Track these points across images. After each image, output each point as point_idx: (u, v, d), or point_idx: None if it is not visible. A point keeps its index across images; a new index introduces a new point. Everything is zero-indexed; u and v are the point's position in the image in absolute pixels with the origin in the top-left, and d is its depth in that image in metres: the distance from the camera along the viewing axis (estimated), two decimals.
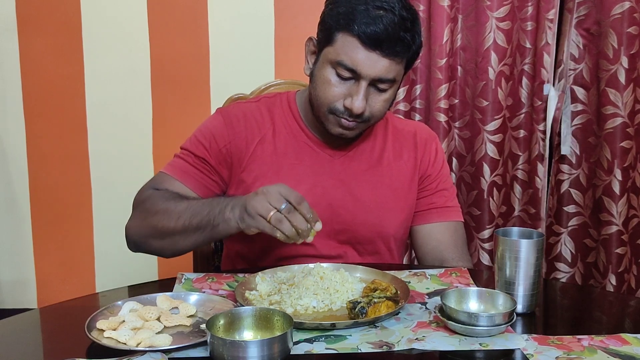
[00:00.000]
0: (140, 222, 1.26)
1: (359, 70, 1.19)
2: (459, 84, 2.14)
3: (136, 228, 1.27)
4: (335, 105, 1.24)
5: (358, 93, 1.21)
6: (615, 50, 2.01)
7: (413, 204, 1.40)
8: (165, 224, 1.20)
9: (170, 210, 1.20)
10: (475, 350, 0.92)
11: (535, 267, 1.04)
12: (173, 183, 1.31)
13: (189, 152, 1.34)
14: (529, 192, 2.14)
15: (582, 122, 2.13)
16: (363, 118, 1.24)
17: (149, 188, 1.31)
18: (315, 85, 1.26)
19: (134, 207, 1.30)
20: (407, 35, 1.19)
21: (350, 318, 0.99)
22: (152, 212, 1.23)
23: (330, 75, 1.23)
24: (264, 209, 1.08)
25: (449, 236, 1.39)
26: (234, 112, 1.37)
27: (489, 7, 2.05)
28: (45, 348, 1.00)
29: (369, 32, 1.17)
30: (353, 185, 1.34)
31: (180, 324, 0.98)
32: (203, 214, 1.16)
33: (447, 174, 1.45)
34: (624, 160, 2.05)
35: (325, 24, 1.24)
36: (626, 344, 0.92)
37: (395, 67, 1.21)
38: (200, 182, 1.32)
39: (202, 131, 1.36)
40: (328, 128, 1.28)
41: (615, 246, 2.08)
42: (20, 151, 2.35)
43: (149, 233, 1.24)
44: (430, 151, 1.42)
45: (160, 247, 1.25)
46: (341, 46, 1.20)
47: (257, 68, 2.26)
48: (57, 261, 2.41)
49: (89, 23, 2.27)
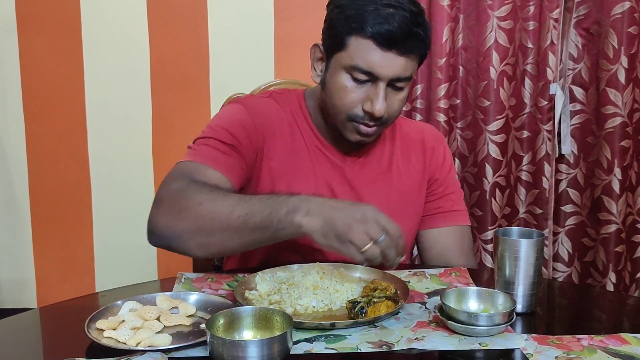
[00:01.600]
0: (175, 215, 1.11)
1: (376, 72, 1.17)
2: (460, 83, 2.14)
3: (170, 222, 1.11)
4: (354, 111, 1.20)
5: (378, 95, 1.18)
6: (616, 50, 2.01)
7: (421, 209, 1.39)
8: (216, 215, 1.07)
9: (218, 202, 1.09)
10: (474, 350, 0.92)
11: (535, 266, 1.04)
12: (205, 170, 1.19)
13: (214, 140, 1.23)
14: (534, 192, 2.13)
15: (581, 121, 2.13)
16: (382, 120, 1.22)
17: (178, 178, 1.17)
18: (330, 93, 1.22)
19: (161, 198, 1.15)
20: (420, 29, 1.17)
21: (350, 318, 0.99)
22: (194, 201, 1.10)
23: (346, 81, 1.19)
24: (360, 240, 0.99)
25: (455, 241, 1.38)
26: (256, 104, 1.31)
27: (490, 7, 2.05)
28: (45, 348, 1.00)
29: (384, 32, 1.14)
30: (363, 192, 1.32)
31: (180, 323, 0.98)
32: (264, 213, 1.05)
33: (454, 177, 1.43)
34: (624, 159, 2.06)
35: (334, 29, 1.20)
36: (626, 344, 0.92)
37: (412, 64, 1.20)
38: (233, 170, 1.22)
39: (228, 120, 1.27)
40: (346, 136, 1.25)
41: (615, 245, 2.08)
42: (20, 151, 2.35)
43: (189, 227, 1.10)
44: (438, 155, 1.40)
45: (203, 244, 1.11)
46: (355, 50, 1.17)
47: (257, 68, 2.26)
48: (56, 261, 2.41)
49: (89, 23, 2.27)
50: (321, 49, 1.25)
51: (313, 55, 1.27)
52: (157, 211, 1.14)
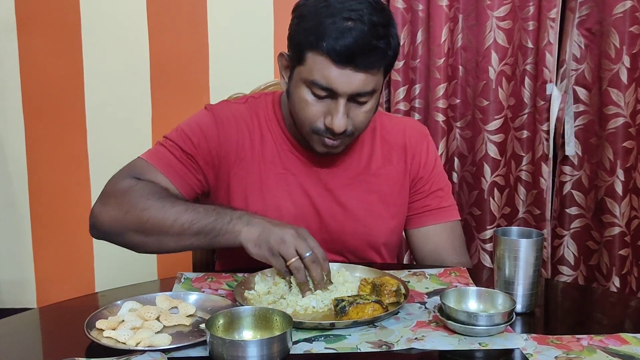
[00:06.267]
0: (120, 214, 1.17)
1: (334, 88, 1.13)
2: (459, 83, 2.14)
3: (113, 218, 1.17)
4: (317, 124, 1.18)
5: (337, 111, 1.15)
6: (617, 49, 2.00)
7: (404, 209, 1.37)
8: (159, 222, 1.13)
9: (166, 209, 1.14)
10: (474, 349, 0.92)
11: (534, 266, 1.04)
12: (156, 175, 1.23)
13: (175, 145, 1.27)
14: (533, 193, 2.13)
15: (584, 122, 2.12)
16: (347, 134, 1.19)
17: (127, 176, 1.22)
18: (293, 104, 1.21)
19: (108, 193, 1.21)
20: (381, 42, 1.12)
21: (334, 315, 1.00)
22: (140, 206, 1.15)
23: (306, 95, 1.16)
24: (288, 253, 1.06)
25: (446, 237, 1.37)
26: (225, 113, 1.31)
27: (490, 7, 2.05)
28: (44, 347, 1.00)
29: (339, 49, 1.09)
30: (340, 194, 1.31)
31: (180, 323, 0.98)
32: (208, 219, 1.12)
33: (440, 172, 1.40)
34: (626, 160, 2.05)
35: (294, 40, 1.17)
36: (625, 344, 0.92)
37: (373, 78, 1.15)
38: (184, 179, 1.26)
39: (192, 127, 1.29)
40: (312, 147, 1.23)
41: (618, 248, 2.06)
42: (19, 151, 2.35)
43: (132, 227, 1.16)
44: (421, 152, 1.37)
45: (141, 242, 1.17)
46: (312, 65, 1.13)
47: (257, 68, 2.26)
48: (56, 261, 2.41)
49: (89, 23, 2.27)
50: (286, 58, 1.22)
51: (280, 64, 1.24)
52: (102, 207, 1.20)
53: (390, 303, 1.03)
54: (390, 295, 1.04)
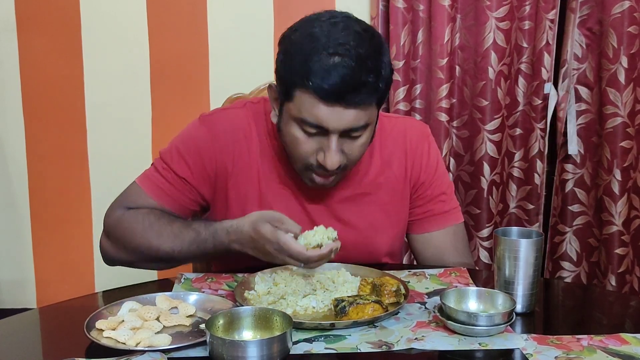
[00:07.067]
0: (119, 247, 1.25)
1: (325, 125, 1.09)
2: (457, 83, 2.13)
3: (116, 252, 1.26)
4: (309, 161, 1.14)
5: (330, 148, 1.11)
6: (615, 49, 2.01)
7: (406, 215, 1.34)
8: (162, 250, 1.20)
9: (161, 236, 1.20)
10: (474, 350, 0.92)
11: (534, 266, 1.04)
12: (147, 200, 1.25)
13: (168, 168, 1.26)
14: (526, 188, 2.15)
15: (586, 121, 2.14)
16: (340, 168, 1.15)
17: (119, 206, 1.27)
18: (285, 140, 1.17)
19: (105, 226, 1.28)
20: (370, 76, 1.07)
21: (335, 315, 1.00)
22: (136, 238, 1.21)
23: (297, 132, 1.12)
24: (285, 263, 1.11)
25: (449, 241, 1.35)
26: (221, 124, 1.27)
27: (489, 7, 2.05)
28: (44, 348, 1.00)
29: (327, 87, 1.05)
30: (338, 209, 1.28)
31: (180, 323, 0.99)
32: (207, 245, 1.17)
33: (443, 174, 1.36)
34: (624, 160, 2.06)
35: (281, 77, 1.13)
36: (625, 344, 0.93)
37: (365, 113, 1.10)
38: (177, 202, 1.26)
39: (186, 144, 1.27)
40: (305, 182, 1.20)
41: (616, 246, 2.08)
42: (19, 151, 2.34)
43: (134, 258, 1.25)
44: (422, 155, 1.32)
45: (154, 267, 1.29)
46: (300, 103, 1.09)
47: (257, 68, 2.25)
48: (56, 261, 2.41)
49: (89, 23, 2.27)
50: (275, 91, 1.18)
51: (270, 95, 1.20)
52: (105, 240, 1.28)
53: (390, 303, 1.03)
54: (390, 295, 1.04)
